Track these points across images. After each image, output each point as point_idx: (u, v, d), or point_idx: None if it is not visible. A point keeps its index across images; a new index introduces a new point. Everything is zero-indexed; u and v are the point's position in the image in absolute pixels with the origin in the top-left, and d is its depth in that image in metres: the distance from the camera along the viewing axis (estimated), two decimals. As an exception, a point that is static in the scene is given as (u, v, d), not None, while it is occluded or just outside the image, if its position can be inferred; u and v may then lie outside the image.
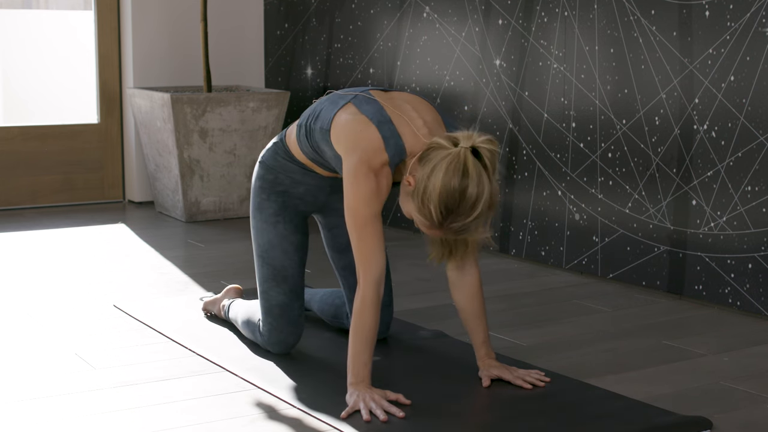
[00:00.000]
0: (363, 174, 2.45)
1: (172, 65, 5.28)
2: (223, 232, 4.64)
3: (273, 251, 2.79)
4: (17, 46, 6.51)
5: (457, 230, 2.38)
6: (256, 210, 2.82)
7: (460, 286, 2.66)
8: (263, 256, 2.81)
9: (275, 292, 2.80)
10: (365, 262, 2.47)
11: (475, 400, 2.55)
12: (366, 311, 2.47)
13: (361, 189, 2.45)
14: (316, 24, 5.12)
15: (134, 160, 5.28)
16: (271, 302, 2.80)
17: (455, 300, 2.68)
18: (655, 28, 3.52)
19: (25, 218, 4.90)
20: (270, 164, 2.79)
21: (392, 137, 2.48)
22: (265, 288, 2.81)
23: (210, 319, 3.22)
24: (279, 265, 2.79)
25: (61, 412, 2.44)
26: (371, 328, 2.47)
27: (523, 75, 4.02)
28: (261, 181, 2.81)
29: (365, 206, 2.46)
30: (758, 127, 3.24)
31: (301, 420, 2.42)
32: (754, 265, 3.28)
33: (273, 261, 2.79)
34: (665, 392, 2.63)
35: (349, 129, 2.51)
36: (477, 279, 2.65)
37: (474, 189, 2.33)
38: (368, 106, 2.53)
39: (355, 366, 2.48)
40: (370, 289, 2.47)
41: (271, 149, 2.81)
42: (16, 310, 3.34)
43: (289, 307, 2.80)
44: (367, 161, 2.46)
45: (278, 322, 2.81)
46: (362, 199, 2.46)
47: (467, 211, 2.35)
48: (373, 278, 2.47)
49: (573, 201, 3.87)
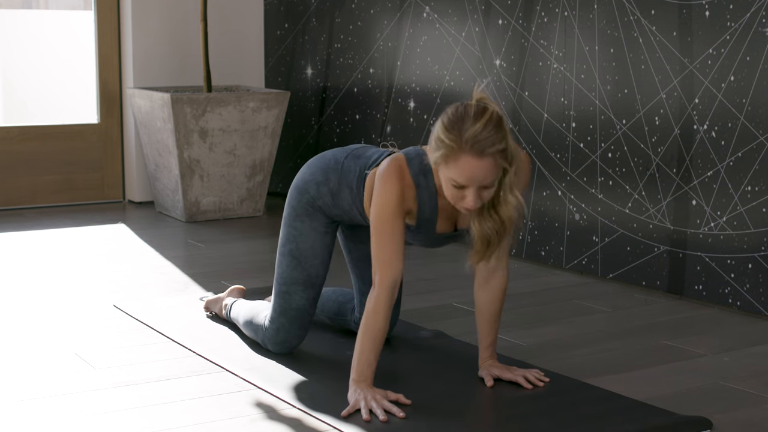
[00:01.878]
0: (389, 176, 2.47)
1: (172, 65, 5.28)
2: (223, 232, 4.63)
3: (314, 259, 2.79)
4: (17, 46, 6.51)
5: (473, 143, 2.34)
6: (306, 215, 2.78)
7: (486, 286, 2.66)
8: (300, 259, 2.79)
9: (300, 296, 2.80)
10: (383, 266, 2.48)
11: (475, 400, 2.55)
12: (379, 313, 2.47)
13: (388, 187, 2.47)
14: (316, 24, 5.12)
15: (134, 160, 5.28)
16: (292, 304, 2.80)
17: (477, 297, 2.69)
18: (655, 28, 3.52)
19: (25, 218, 4.90)
20: (339, 203, 2.75)
21: (416, 156, 2.53)
22: (289, 289, 2.80)
23: (212, 318, 3.22)
24: (315, 273, 2.80)
25: (61, 412, 2.44)
26: (381, 330, 2.48)
27: (523, 75, 4.02)
28: (323, 204, 2.77)
29: (392, 206, 2.47)
30: (758, 127, 3.24)
31: (301, 420, 2.42)
32: (754, 265, 3.28)
33: (310, 268, 2.79)
34: (665, 392, 2.63)
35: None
36: (504, 283, 2.67)
37: (474, 108, 2.37)
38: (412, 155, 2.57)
39: (360, 364, 2.48)
40: (384, 293, 2.48)
41: (353, 192, 2.72)
42: (16, 310, 3.34)
43: (306, 313, 2.81)
44: (397, 167, 2.49)
45: (291, 325, 2.81)
46: (390, 198, 2.47)
47: (474, 117, 2.35)
48: (390, 282, 2.48)
49: (573, 201, 3.87)
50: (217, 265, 3.98)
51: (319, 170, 2.75)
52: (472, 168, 2.35)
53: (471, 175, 2.36)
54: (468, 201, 2.39)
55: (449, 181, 2.39)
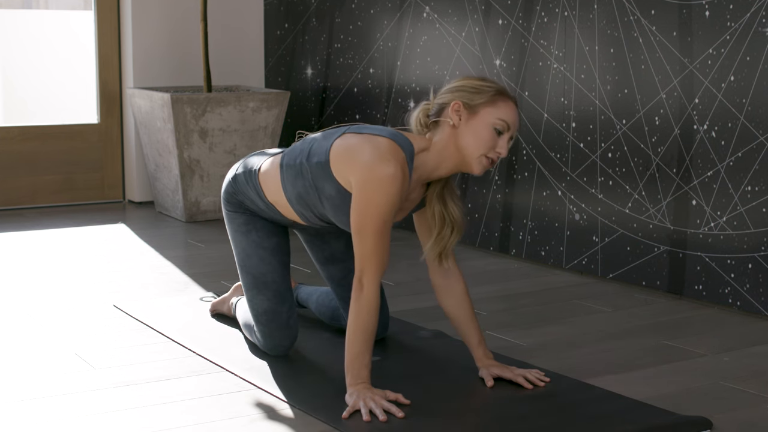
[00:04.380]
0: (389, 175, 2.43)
1: (172, 65, 5.28)
2: (223, 232, 4.63)
3: (249, 260, 2.80)
4: (17, 46, 6.51)
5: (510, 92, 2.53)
6: (228, 221, 2.85)
7: (448, 293, 2.68)
8: (242, 265, 2.82)
9: (259, 299, 2.80)
10: (377, 264, 2.47)
11: (475, 400, 2.55)
12: (371, 313, 2.47)
13: (384, 187, 2.43)
14: (316, 24, 5.12)
15: (134, 160, 5.28)
16: (258, 309, 2.81)
17: (444, 306, 2.70)
18: (655, 28, 3.52)
19: (25, 218, 4.90)
20: (241, 189, 2.79)
21: (398, 136, 2.51)
22: (249, 296, 2.82)
23: (218, 318, 3.22)
24: (257, 272, 2.79)
25: (61, 412, 2.44)
26: (373, 330, 2.48)
27: (523, 75, 4.02)
28: (228, 197, 2.82)
29: (385, 206, 2.44)
30: (758, 127, 3.24)
31: (301, 420, 2.42)
32: (754, 265, 3.28)
33: (251, 269, 2.80)
34: (665, 392, 2.63)
35: (353, 144, 2.51)
36: (463, 283, 2.69)
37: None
38: (366, 129, 2.55)
39: (354, 367, 2.47)
40: (375, 292, 2.47)
41: (245, 175, 2.78)
42: (16, 310, 3.34)
43: (276, 312, 2.80)
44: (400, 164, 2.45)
45: (268, 328, 2.81)
46: (384, 198, 2.43)
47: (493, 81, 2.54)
48: (377, 279, 2.48)
49: (573, 201, 3.87)
50: (217, 265, 3.98)
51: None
52: (515, 112, 2.52)
53: (515, 119, 2.52)
54: (502, 146, 2.50)
55: (492, 126, 2.48)
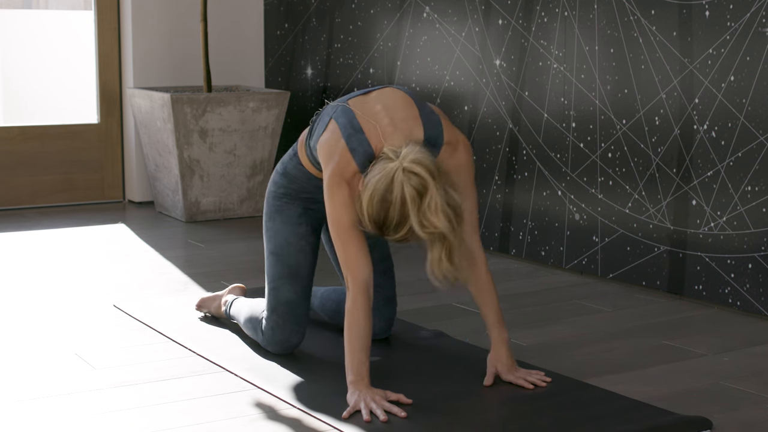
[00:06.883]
0: (336, 184, 2.53)
1: (172, 65, 5.28)
2: (223, 232, 4.64)
3: (290, 248, 2.82)
4: (17, 46, 6.52)
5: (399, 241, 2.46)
6: (276, 212, 2.85)
7: (471, 272, 2.67)
8: (279, 254, 2.83)
9: (286, 289, 2.81)
10: (351, 269, 2.53)
11: (475, 400, 2.55)
12: (359, 312, 2.51)
13: (336, 198, 2.53)
14: (316, 24, 5.12)
15: (134, 160, 5.28)
16: (280, 299, 2.82)
17: (468, 286, 2.70)
18: (655, 28, 3.52)
19: (25, 218, 4.90)
20: (293, 174, 2.83)
21: (360, 146, 2.54)
22: (276, 285, 2.83)
23: (204, 317, 3.22)
24: (294, 263, 2.82)
25: (61, 412, 2.44)
26: (365, 327, 2.51)
27: (523, 75, 4.02)
28: (285, 189, 2.85)
29: (343, 214, 2.52)
30: (758, 127, 3.24)
31: (301, 420, 2.42)
32: (754, 265, 3.28)
33: (288, 259, 2.82)
34: (665, 392, 2.63)
35: (325, 146, 2.61)
36: (482, 263, 2.66)
37: (395, 214, 2.40)
38: (343, 118, 2.59)
39: (353, 364, 2.49)
40: (359, 294, 2.52)
41: (293, 160, 2.84)
42: (16, 310, 3.34)
43: (296, 306, 2.82)
44: (339, 172, 2.54)
45: (283, 320, 2.82)
46: (339, 208, 2.53)
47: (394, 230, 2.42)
48: (361, 283, 2.52)
49: (573, 201, 3.87)
50: (217, 265, 3.98)
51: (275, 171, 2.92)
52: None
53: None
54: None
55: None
